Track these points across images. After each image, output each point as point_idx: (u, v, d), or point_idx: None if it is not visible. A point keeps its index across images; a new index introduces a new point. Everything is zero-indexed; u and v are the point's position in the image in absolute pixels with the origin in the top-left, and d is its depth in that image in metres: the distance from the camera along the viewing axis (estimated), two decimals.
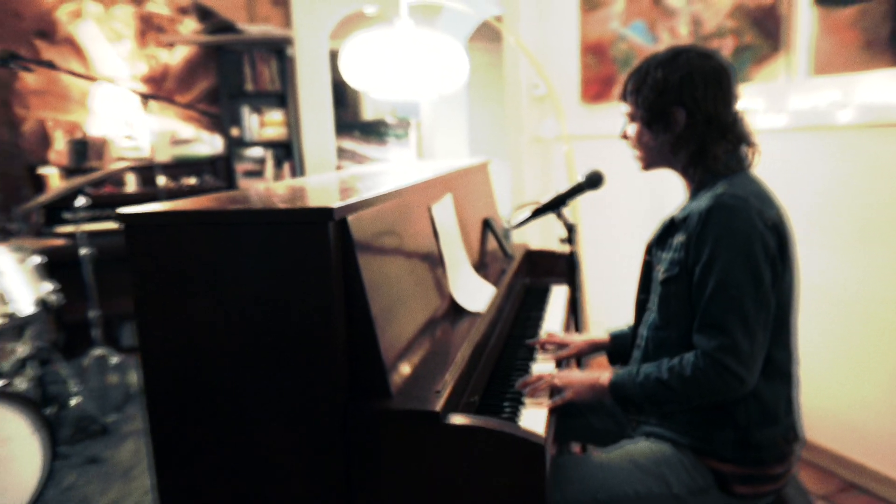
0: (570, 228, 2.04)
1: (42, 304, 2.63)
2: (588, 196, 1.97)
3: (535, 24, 3.97)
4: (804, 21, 2.33)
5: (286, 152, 4.80)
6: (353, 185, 1.52)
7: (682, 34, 2.83)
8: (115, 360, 3.20)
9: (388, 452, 1.09)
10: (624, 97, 1.45)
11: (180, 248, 1.13)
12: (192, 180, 4.52)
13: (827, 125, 2.29)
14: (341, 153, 5.01)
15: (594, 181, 1.80)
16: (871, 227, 2.23)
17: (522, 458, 1.06)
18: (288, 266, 1.07)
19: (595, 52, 3.42)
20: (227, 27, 4.54)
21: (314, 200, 1.19)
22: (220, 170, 4.66)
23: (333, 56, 4.70)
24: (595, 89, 3.46)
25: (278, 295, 1.09)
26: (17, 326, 2.68)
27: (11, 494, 2.32)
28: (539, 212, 1.87)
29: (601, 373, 1.38)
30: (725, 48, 2.62)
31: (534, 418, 1.28)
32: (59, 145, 4.31)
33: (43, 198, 2.98)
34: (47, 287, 2.71)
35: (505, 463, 1.06)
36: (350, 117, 5.26)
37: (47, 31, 4.31)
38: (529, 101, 4.06)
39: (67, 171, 4.22)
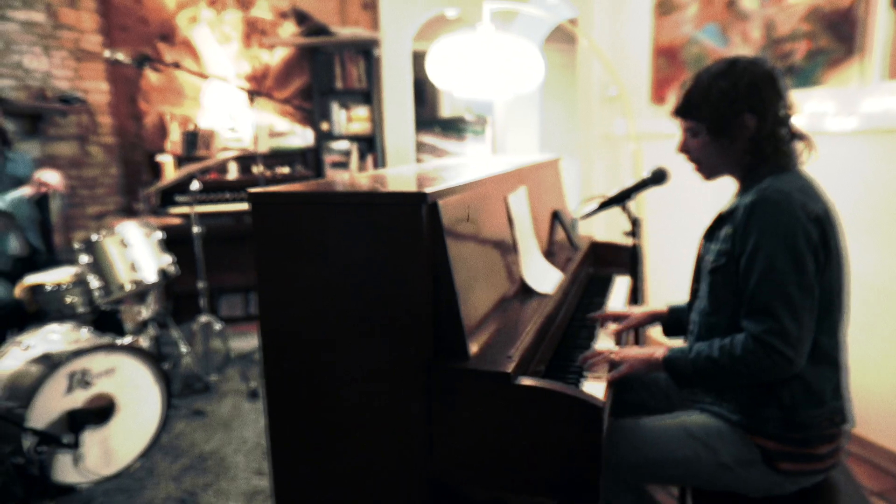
0: (635, 222, 2.09)
1: (163, 273, 2.90)
2: (654, 192, 2.02)
3: (608, 27, 3.98)
4: (881, 25, 2.27)
5: (370, 145, 4.99)
6: (439, 175, 1.64)
7: (754, 37, 2.80)
8: (217, 327, 3.46)
9: (463, 406, 1.21)
10: (683, 113, 1.45)
11: (297, 224, 1.28)
12: (285, 169, 4.78)
13: None
14: (422, 147, 5.16)
15: (659, 177, 1.85)
16: None
17: (582, 418, 1.15)
18: (387, 241, 1.20)
19: (667, 55, 3.41)
20: (321, 30, 4.76)
21: (409, 186, 1.31)
22: (309, 160, 4.90)
23: (416, 57, 4.85)
24: (665, 91, 3.45)
25: (377, 266, 1.22)
26: (142, 292, 2.96)
27: (136, 434, 2.60)
28: (606, 204, 1.93)
29: (656, 348, 1.44)
30: (799, 52, 2.58)
31: (593, 388, 1.36)
32: (175, 136, 4.65)
33: (164, 182, 3.25)
34: (167, 259, 2.98)
35: (566, 422, 1.15)
36: (430, 114, 5.40)
37: (168, 34, 4.65)
38: (600, 101, 4.08)
39: (180, 160, 4.55)
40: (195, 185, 3.16)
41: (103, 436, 2.49)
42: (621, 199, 1.90)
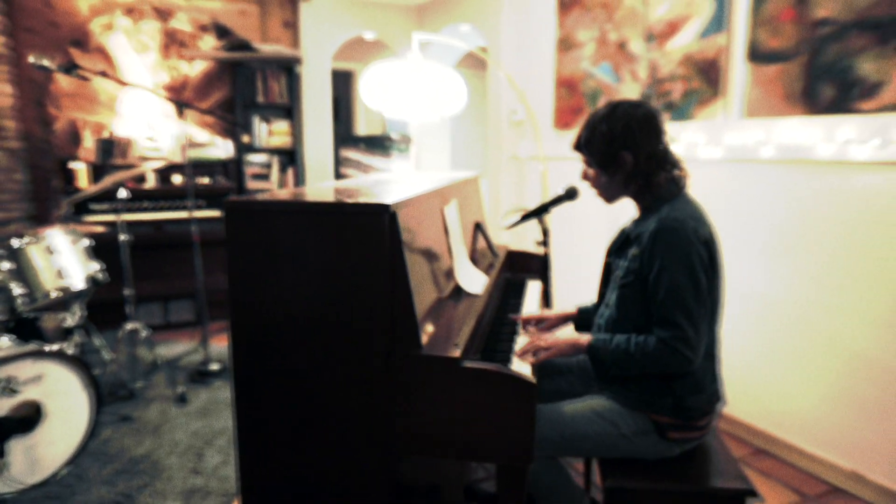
0: (545, 233, 2.35)
1: (92, 280, 2.84)
2: (560, 208, 2.28)
3: (515, 58, 4.30)
4: (739, 73, 2.69)
5: (290, 159, 5.03)
6: (382, 189, 1.80)
7: (641, 77, 3.18)
8: (144, 333, 3.40)
9: (418, 387, 1.38)
10: (579, 149, 1.71)
11: (269, 231, 1.40)
12: (205, 180, 4.72)
13: (753, 159, 2.66)
14: (346, 162, 5.25)
15: (572, 194, 2.11)
16: (788, 240, 2.59)
17: (519, 392, 1.35)
18: (352, 246, 1.35)
19: (568, 86, 3.75)
20: (243, 45, 4.76)
21: (371, 198, 1.46)
22: (231, 171, 4.86)
23: (335, 75, 4.95)
24: (567, 118, 3.79)
25: (342, 268, 1.37)
26: (67, 299, 2.88)
27: (63, 441, 2.53)
28: (527, 216, 2.17)
29: (582, 335, 1.68)
30: (676, 91, 2.97)
31: (521, 370, 1.57)
32: (88, 143, 4.47)
33: (92, 189, 3.17)
34: (95, 266, 2.92)
35: (506, 396, 1.35)
36: (346, 130, 5.51)
37: (81, 40, 4.48)
38: (508, 125, 4.39)
39: (95, 167, 4.38)
40: (123, 194, 3.11)
41: (29, 444, 2.41)
42: (540, 212, 2.15)
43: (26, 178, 4.41)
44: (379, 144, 4.88)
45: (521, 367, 1.61)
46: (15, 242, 2.65)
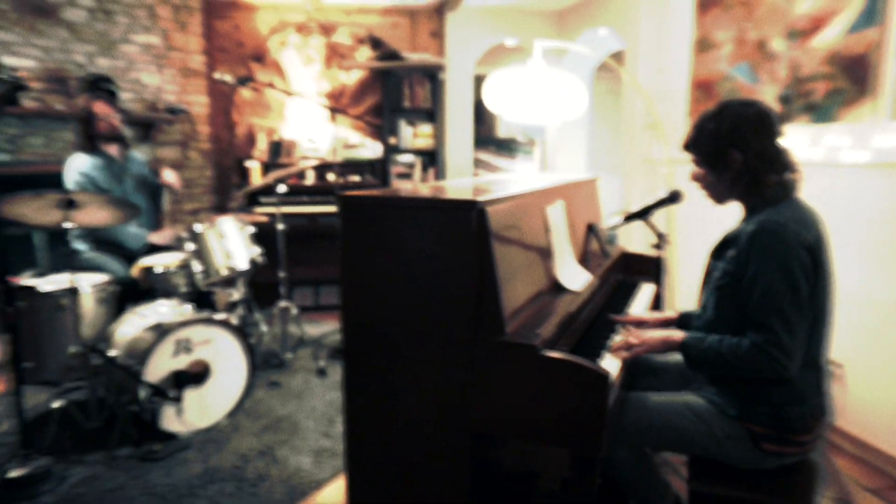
0: (660, 236, 2.32)
1: (253, 263, 3.28)
2: (683, 211, 2.24)
3: (652, 59, 4.18)
4: (891, 70, 2.43)
5: (432, 159, 5.31)
6: (490, 187, 1.92)
7: (780, 76, 2.97)
8: (294, 312, 3.83)
9: (497, 371, 1.48)
10: (687, 148, 1.69)
11: (376, 223, 1.58)
12: (356, 178, 5.15)
13: None
14: (478, 163, 5.45)
15: (674, 197, 2.07)
16: None
17: (591, 383, 1.40)
18: (444, 238, 1.49)
19: (703, 88, 3.59)
20: (393, 55, 5.12)
21: (463, 195, 1.59)
22: (377, 171, 5.26)
23: (477, 80, 5.14)
24: None
25: (436, 258, 1.51)
26: (233, 278, 3.35)
27: (225, 396, 2.96)
28: (629, 218, 2.17)
29: (675, 332, 1.67)
30: (819, 91, 2.74)
31: (609, 364, 1.60)
32: (262, 145, 5.09)
33: (257, 185, 3.64)
34: (257, 250, 3.37)
35: (577, 386, 1.41)
36: (487, 133, 5.69)
37: (260, 56, 5.11)
38: (642, 127, 4.28)
39: (265, 166, 4.98)
40: (282, 189, 3.54)
41: (200, 394, 2.86)
42: (642, 214, 2.13)
43: (213, 174, 5.13)
44: (506, 147, 5.00)
45: (611, 363, 1.64)
46: (197, 228, 3.14)
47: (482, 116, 5.76)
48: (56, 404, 2.80)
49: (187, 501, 2.33)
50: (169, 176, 3.56)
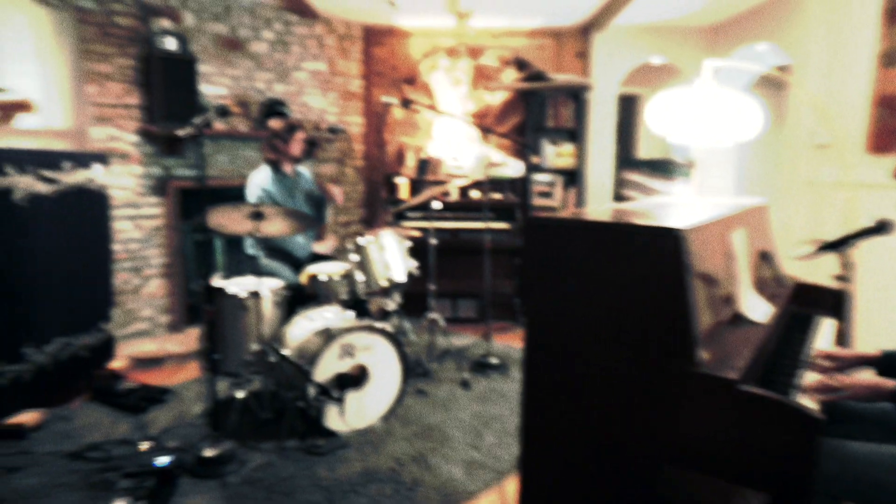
0: (848, 267, 2.13)
1: (409, 275, 3.42)
2: (869, 240, 2.04)
3: (824, 75, 3.86)
4: None
5: (572, 179, 5.26)
6: (664, 213, 1.87)
7: None
8: (442, 324, 3.94)
9: (689, 402, 1.42)
10: None
11: (562, 245, 1.59)
12: (497, 195, 5.22)
13: None
14: (627, 184, 5.32)
15: (884, 227, 1.89)
16: None
17: (798, 427, 1.31)
18: (640, 264, 1.47)
19: (889, 106, 3.26)
20: (538, 76, 5.15)
21: (659, 221, 1.56)
22: (518, 188, 5.29)
23: (621, 100, 5.04)
24: (885, 141, 3.29)
25: (626, 284, 1.49)
26: (390, 288, 3.51)
27: (381, 401, 3.10)
28: (826, 248, 2.00)
29: (888, 380, 1.51)
30: None
31: (805, 404, 1.49)
32: (410, 162, 5.31)
33: (417, 199, 3.82)
34: (413, 263, 3.51)
35: (785, 427, 1.32)
36: (628, 154, 5.54)
37: (412, 79, 5.35)
38: (808, 148, 3.95)
39: (413, 182, 5.19)
40: (437, 205, 3.68)
41: (359, 397, 3.02)
42: (842, 244, 1.97)
43: (364, 189, 5.43)
44: (661, 168, 4.83)
45: (805, 402, 1.53)
46: (361, 240, 3.34)
47: (623, 136, 5.62)
48: (237, 394, 3.09)
49: (351, 497, 2.47)
50: (335, 192, 3.83)
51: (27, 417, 3.01)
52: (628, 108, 6.94)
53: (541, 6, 4.64)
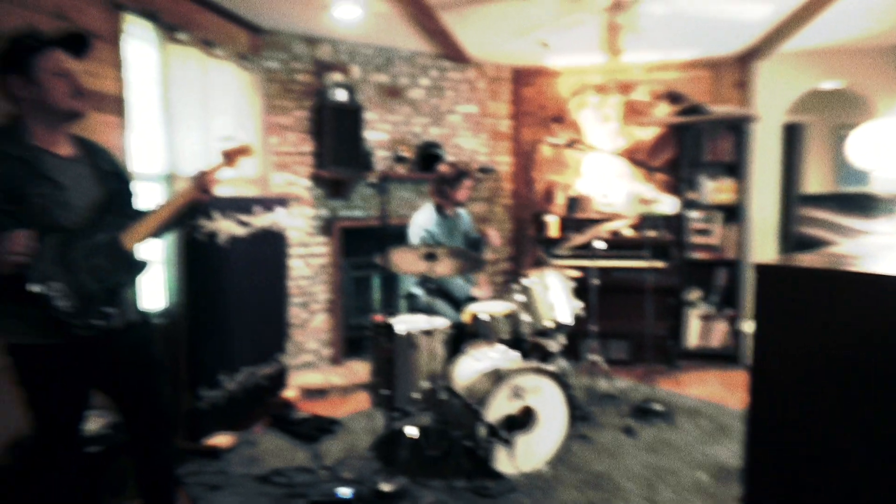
0: None
1: (575, 317, 3.36)
2: None
3: None
4: None
5: (732, 215, 4.95)
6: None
7: None
8: (604, 366, 3.82)
9: None
10: None
11: (800, 294, 1.47)
12: (651, 233, 5.03)
13: None
14: (808, 222, 4.89)
15: None
16: None
17: None
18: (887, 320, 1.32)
19: None
20: (694, 109, 4.95)
21: None
22: (673, 226, 5.06)
23: (786, 130, 4.68)
24: None
25: (879, 342, 1.34)
26: (553, 329, 3.47)
27: (546, 445, 3.03)
28: None
29: None
30: None
31: None
32: (560, 200, 5.29)
33: (580, 239, 3.78)
34: (578, 304, 3.45)
35: None
36: (796, 187, 5.11)
37: (560, 117, 5.37)
38: None
39: (562, 220, 5.15)
40: (600, 244, 3.61)
41: (527, 440, 2.97)
42: None
43: (512, 227, 5.47)
44: (856, 204, 4.38)
45: None
46: (526, 281, 3.34)
47: (790, 168, 5.21)
48: (407, 429, 3.17)
49: None
50: (493, 234, 3.89)
51: (222, 440, 3.29)
52: (792, 138, 6.45)
53: (698, 38, 4.48)
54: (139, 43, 3.18)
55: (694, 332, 5.01)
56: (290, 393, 4.01)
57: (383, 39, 4.55)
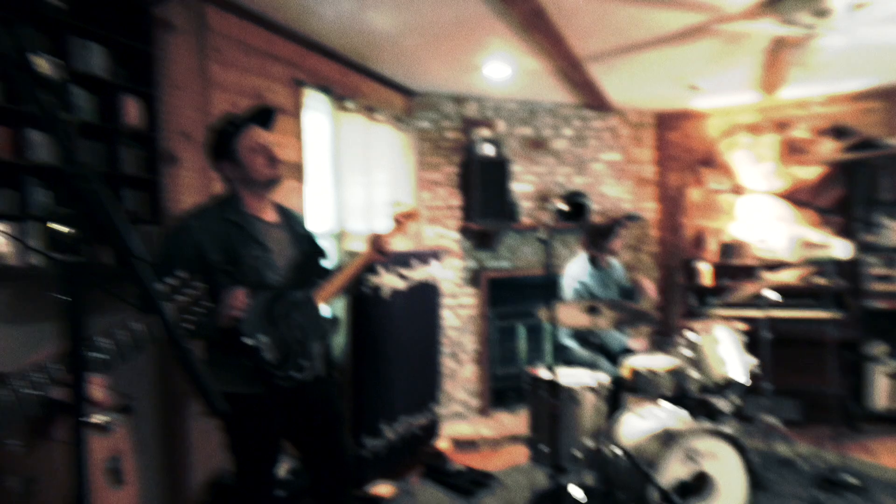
0: None
1: (749, 373, 3.10)
2: None
3: None
4: None
5: None
6: None
7: None
8: (783, 429, 3.47)
9: None
10: None
11: None
12: (821, 280, 4.57)
13: None
14: None
15: None
16: None
17: None
18: None
19: None
20: (867, 144, 4.51)
21: None
22: (846, 272, 4.57)
23: None
24: None
25: None
26: (725, 387, 3.21)
27: None
28: None
29: None
30: None
31: None
32: (712, 246, 4.99)
33: (749, 290, 3.54)
34: (752, 360, 3.19)
35: None
36: None
37: (709, 159, 5.12)
38: None
39: (716, 267, 4.84)
40: (774, 295, 3.33)
41: None
42: None
43: (659, 275, 5.23)
44: None
45: None
46: (692, 336, 3.14)
47: None
48: (572, 489, 3.04)
49: None
50: (648, 285, 3.74)
51: (383, 489, 3.35)
52: None
53: (874, 67, 4.11)
54: (313, 113, 3.49)
55: (881, 392, 4.42)
56: (442, 444, 4.03)
57: (527, 94, 4.64)
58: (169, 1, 2.49)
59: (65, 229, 0.71)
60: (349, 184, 3.63)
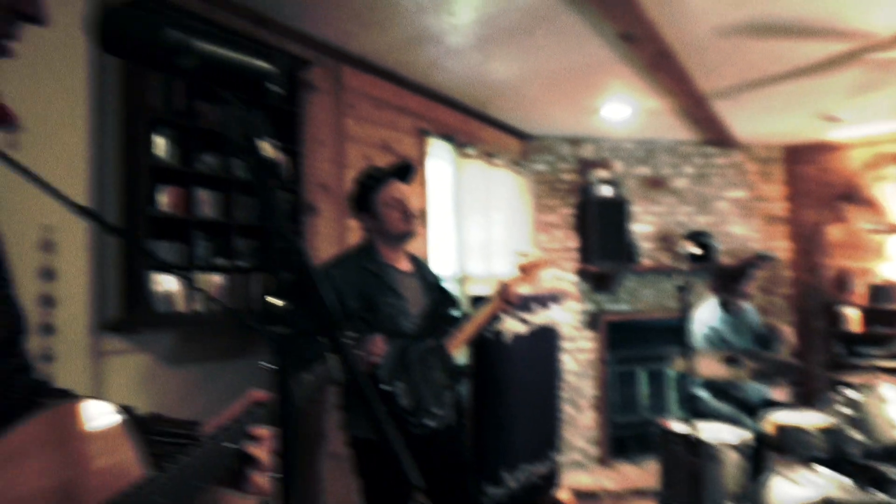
0: None
1: None
2: None
3: None
4: None
5: None
6: None
7: None
8: None
9: None
10: None
11: None
12: None
13: None
14: None
15: None
16: None
17: None
18: None
19: None
20: None
21: None
22: None
23: None
24: None
25: None
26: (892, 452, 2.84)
27: None
28: None
29: None
30: None
31: None
32: (858, 288, 4.52)
33: None
34: None
35: None
36: None
37: (850, 194, 4.69)
38: None
39: (865, 311, 4.37)
40: None
41: None
42: None
43: (794, 319, 4.80)
44: None
45: None
46: (853, 394, 2.82)
47: None
48: None
49: None
50: (787, 331, 3.43)
51: None
52: None
53: None
54: (435, 160, 3.58)
55: None
56: (562, 494, 3.86)
57: (646, 133, 4.50)
58: (312, 66, 2.67)
59: (280, 303, 0.74)
60: (470, 227, 3.66)
